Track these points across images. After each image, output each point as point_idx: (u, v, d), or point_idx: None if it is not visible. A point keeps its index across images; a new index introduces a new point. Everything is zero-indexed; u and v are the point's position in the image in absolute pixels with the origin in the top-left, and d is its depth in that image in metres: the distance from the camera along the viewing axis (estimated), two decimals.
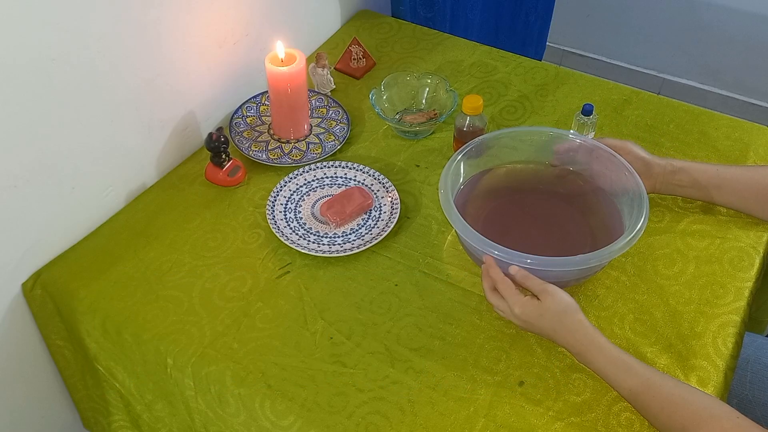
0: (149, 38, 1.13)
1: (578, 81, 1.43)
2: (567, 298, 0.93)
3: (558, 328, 0.92)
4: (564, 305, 0.92)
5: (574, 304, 0.93)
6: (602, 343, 0.90)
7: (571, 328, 0.91)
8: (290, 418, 0.94)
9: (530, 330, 0.96)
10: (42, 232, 1.11)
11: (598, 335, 0.91)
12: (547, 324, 0.92)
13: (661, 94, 1.73)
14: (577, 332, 0.91)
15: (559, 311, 0.92)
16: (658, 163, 1.10)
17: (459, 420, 0.92)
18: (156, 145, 1.24)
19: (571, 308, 0.92)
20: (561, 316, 0.92)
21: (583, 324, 0.91)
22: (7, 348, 1.15)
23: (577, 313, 0.92)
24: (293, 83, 1.22)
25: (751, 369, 1.14)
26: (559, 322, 0.92)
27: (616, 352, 0.89)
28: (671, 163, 1.11)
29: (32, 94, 0.99)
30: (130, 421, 1.18)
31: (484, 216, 1.12)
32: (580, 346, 0.91)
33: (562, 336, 0.92)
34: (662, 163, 1.10)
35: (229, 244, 1.14)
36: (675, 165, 1.10)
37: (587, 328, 0.91)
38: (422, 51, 1.52)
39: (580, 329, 0.91)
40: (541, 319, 0.92)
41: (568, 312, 0.92)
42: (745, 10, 2.16)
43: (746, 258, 1.09)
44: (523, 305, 0.93)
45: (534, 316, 0.93)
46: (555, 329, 0.92)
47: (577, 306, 0.93)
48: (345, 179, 1.23)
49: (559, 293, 0.93)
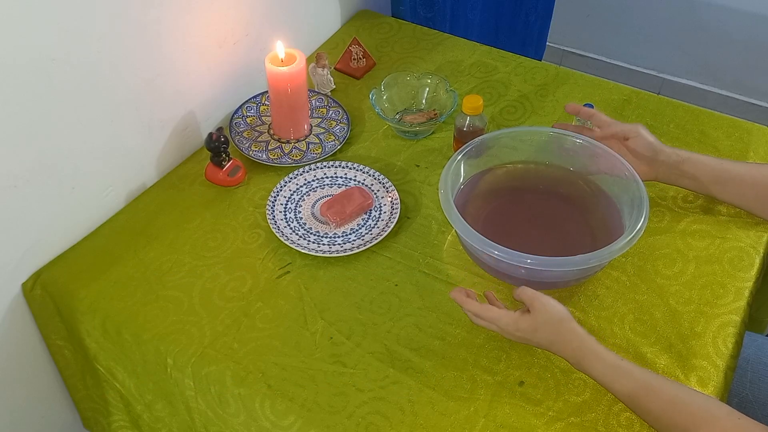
0: (149, 38, 1.13)
1: (578, 81, 1.43)
2: (558, 307, 0.92)
3: (554, 340, 0.91)
4: (557, 316, 0.91)
5: (566, 313, 0.92)
6: (598, 350, 0.89)
7: (566, 338, 0.91)
8: (290, 418, 0.94)
9: (526, 343, 0.95)
10: (42, 232, 1.11)
11: (594, 342, 0.90)
12: (543, 337, 0.92)
13: (661, 94, 1.73)
14: (572, 342, 0.90)
15: (553, 322, 0.91)
16: (665, 150, 1.10)
17: (459, 420, 0.92)
18: (156, 145, 1.24)
19: (564, 317, 0.91)
20: (556, 326, 0.91)
21: (577, 333, 0.91)
22: (7, 348, 1.15)
23: (570, 322, 0.91)
24: (293, 83, 1.22)
25: (751, 369, 1.14)
26: (555, 333, 0.91)
27: (612, 358, 0.89)
28: (677, 152, 1.10)
29: (32, 94, 0.99)
30: (130, 421, 1.19)
31: (484, 216, 1.12)
32: (576, 356, 0.90)
33: (558, 347, 0.92)
34: (668, 151, 1.10)
35: (229, 244, 1.14)
36: (681, 155, 1.10)
37: (582, 336, 0.90)
38: (422, 51, 1.52)
39: (575, 339, 0.90)
40: (535, 334, 0.92)
41: (562, 322, 0.91)
42: (745, 10, 2.16)
43: (746, 258, 1.09)
44: (516, 322, 0.92)
45: (529, 332, 0.92)
46: (551, 341, 0.92)
47: (569, 314, 0.92)
48: (345, 179, 1.23)
49: (549, 303, 0.92)
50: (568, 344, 0.91)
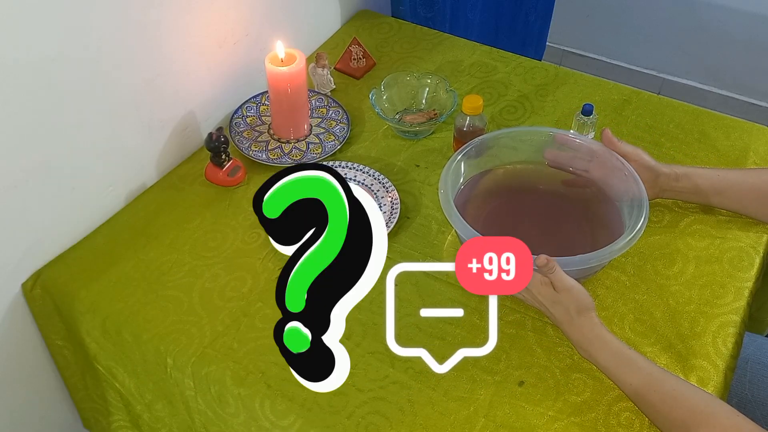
0: (149, 38, 1.13)
1: (578, 81, 1.43)
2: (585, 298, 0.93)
3: (568, 320, 0.92)
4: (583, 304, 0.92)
5: (591, 304, 0.93)
6: (607, 337, 0.91)
7: (580, 323, 0.92)
8: (290, 418, 0.94)
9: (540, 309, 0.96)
10: (42, 232, 1.11)
11: (605, 331, 0.91)
12: (560, 311, 0.93)
13: (661, 94, 1.73)
14: (584, 326, 0.92)
15: (573, 307, 0.92)
16: (663, 172, 1.10)
17: (459, 420, 0.92)
18: (156, 145, 1.24)
19: (587, 307, 0.92)
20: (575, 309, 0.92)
21: (592, 320, 0.92)
22: (7, 348, 1.15)
23: (590, 311, 0.92)
24: (293, 83, 1.22)
25: (751, 369, 1.14)
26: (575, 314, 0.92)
27: (619, 346, 0.90)
28: (675, 171, 1.10)
29: (32, 94, 1.00)
30: (130, 421, 1.19)
31: (484, 216, 1.12)
32: (585, 339, 0.91)
33: (570, 328, 0.93)
34: (667, 171, 1.10)
35: (229, 244, 1.14)
36: (678, 172, 1.10)
37: (595, 324, 0.92)
38: (422, 51, 1.52)
39: (587, 323, 0.92)
40: (554, 305, 0.93)
41: (581, 310, 0.92)
42: (745, 10, 2.16)
43: (746, 258, 1.09)
44: (545, 285, 0.93)
45: (549, 300, 0.93)
46: (564, 319, 0.93)
47: (593, 305, 0.93)
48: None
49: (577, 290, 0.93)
50: (579, 328, 0.92)
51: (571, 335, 0.93)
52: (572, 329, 0.93)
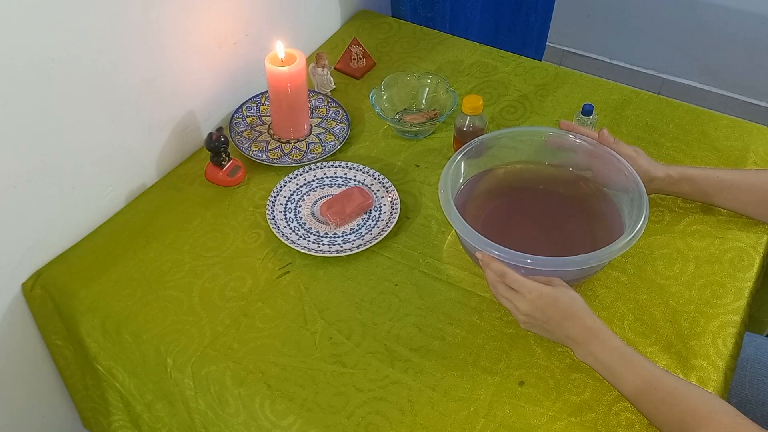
0: (149, 38, 1.13)
1: (578, 81, 1.43)
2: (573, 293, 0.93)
3: (570, 314, 0.92)
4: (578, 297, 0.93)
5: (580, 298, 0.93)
6: (607, 334, 0.91)
7: (581, 316, 0.91)
8: (290, 418, 0.94)
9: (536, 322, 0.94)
10: (42, 232, 1.11)
11: (605, 327, 0.91)
12: (561, 309, 0.92)
13: (661, 94, 1.73)
14: (585, 320, 0.91)
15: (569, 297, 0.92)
16: (658, 176, 1.10)
17: (459, 420, 0.92)
18: (156, 145, 1.24)
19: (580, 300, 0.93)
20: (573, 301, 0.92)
21: (590, 314, 0.92)
22: (7, 348, 1.15)
23: (584, 304, 0.93)
24: (293, 83, 1.22)
25: (751, 369, 1.14)
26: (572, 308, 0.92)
27: (620, 344, 0.90)
28: (670, 174, 1.10)
29: (32, 94, 1.00)
30: (130, 421, 1.19)
31: (484, 216, 1.12)
32: (586, 334, 0.91)
33: (571, 323, 0.92)
34: (662, 176, 1.10)
35: (229, 244, 1.14)
36: (674, 177, 1.10)
37: (595, 319, 0.92)
38: (422, 51, 1.53)
39: (588, 318, 0.92)
40: (556, 303, 0.92)
41: (577, 300, 0.92)
42: (745, 10, 2.16)
43: (746, 258, 1.09)
44: (541, 288, 0.92)
45: (551, 300, 0.92)
46: (566, 315, 0.92)
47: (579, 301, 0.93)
48: (345, 179, 1.23)
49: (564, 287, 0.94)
50: (581, 321, 0.91)
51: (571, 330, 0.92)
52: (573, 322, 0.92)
